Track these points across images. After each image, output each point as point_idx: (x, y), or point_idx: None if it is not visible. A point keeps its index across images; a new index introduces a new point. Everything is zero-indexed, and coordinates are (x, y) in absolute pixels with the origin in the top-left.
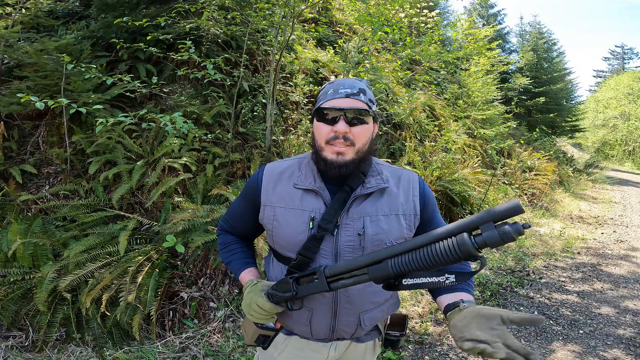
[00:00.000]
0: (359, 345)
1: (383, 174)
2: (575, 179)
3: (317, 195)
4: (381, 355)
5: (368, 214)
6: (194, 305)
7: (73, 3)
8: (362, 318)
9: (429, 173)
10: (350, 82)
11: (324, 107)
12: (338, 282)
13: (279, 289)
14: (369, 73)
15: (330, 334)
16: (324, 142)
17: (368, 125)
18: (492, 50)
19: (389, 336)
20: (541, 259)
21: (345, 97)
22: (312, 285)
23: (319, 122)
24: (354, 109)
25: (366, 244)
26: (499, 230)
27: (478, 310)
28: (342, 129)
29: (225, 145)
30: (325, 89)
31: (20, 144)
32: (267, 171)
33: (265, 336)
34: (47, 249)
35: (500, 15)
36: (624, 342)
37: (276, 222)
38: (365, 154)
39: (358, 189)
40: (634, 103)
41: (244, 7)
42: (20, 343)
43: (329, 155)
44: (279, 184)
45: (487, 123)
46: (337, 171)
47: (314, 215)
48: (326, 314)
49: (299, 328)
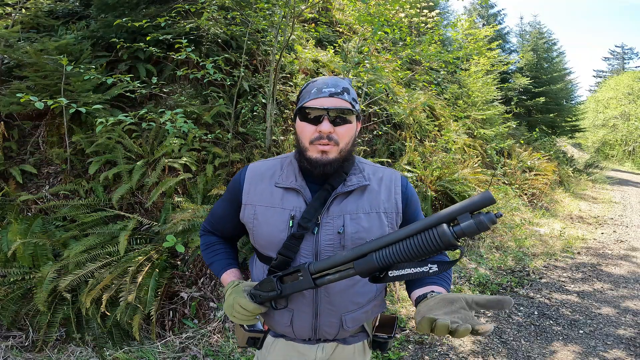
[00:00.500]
0: (347, 347)
1: (365, 171)
2: (575, 179)
3: (298, 194)
4: (381, 355)
5: (348, 212)
6: (194, 305)
7: (73, 3)
8: (343, 319)
9: (429, 173)
10: (334, 80)
11: (308, 107)
12: (324, 277)
13: (262, 289)
14: (369, 73)
15: (313, 334)
16: (308, 142)
17: (352, 124)
18: (492, 50)
19: (377, 338)
20: (541, 259)
21: (329, 96)
22: (297, 283)
23: (302, 121)
24: (337, 109)
25: (346, 242)
26: (475, 220)
27: (443, 296)
28: (326, 129)
29: (225, 145)
30: (308, 87)
31: (20, 144)
32: (250, 171)
33: (254, 338)
34: (47, 249)
35: (500, 15)
36: (624, 342)
37: (256, 220)
38: (348, 153)
39: (339, 187)
40: (634, 103)
41: (244, 7)
42: (20, 343)
43: (313, 154)
44: (261, 183)
45: (487, 123)
46: (322, 169)
47: (294, 214)
48: (307, 314)
49: (281, 329)
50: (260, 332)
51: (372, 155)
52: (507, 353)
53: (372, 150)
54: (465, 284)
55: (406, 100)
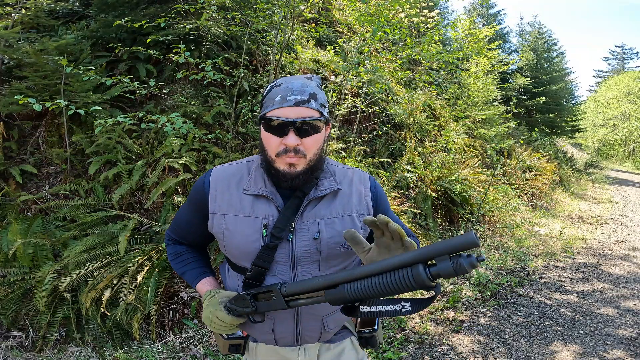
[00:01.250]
0: (332, 346)
1: (335, 174)
2: (575, 179)
3: (268, 201)
4: (381, 355)
5: (322, 216)
6: (194, 305)
7: (73, 3)
8: (324, 321)
9: (429, 173)
10: (299, 85)
11: (271, 117)
12: (297, 301)
13: (237, 304)
14: (369, 73)
15: (295, 340)
16: (274, 154)
17: (320, 133)
18: (492, 50)
19: (361, 334)
20: (541, 259)
21: (295, 105)
22: (271, 303)
23: (266, 132)
24: (304, 120)
25: (322, 247)
26: (453, 262)
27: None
28: (292, 143)
29: (225, 145)
30: (271, 93)
31: (20, 144)
32: (214, 176)
33: (236, 345)
34: (47, 249)
35: (500, 15)
36: (624, 342)
37: (227, 231)
38: (317, 161)
39: (311, 192)
40: (634, 103)
41: (244, 7)
42: (20, 343)
43: (280, 166)
44: (228, 190)
45: (487, 123)
46: (290, 183)
47: (267, 222)
48: (289, 321)
49: (263, 337)
50: (240, 339)
51: (372, 155)
52: (507, 353)
53: (372, 150)
54: (465, 284)
55: (406, 100)
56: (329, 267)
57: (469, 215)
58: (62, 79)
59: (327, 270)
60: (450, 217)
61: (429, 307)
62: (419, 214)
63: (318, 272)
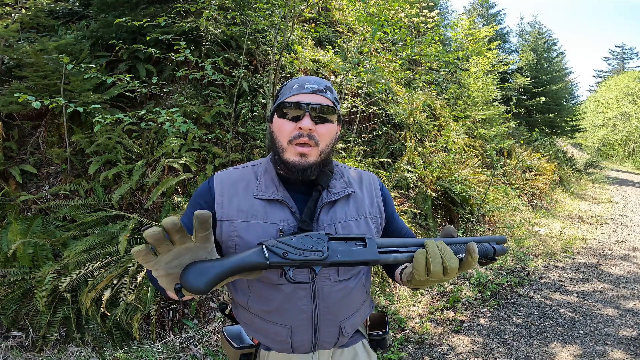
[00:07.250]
0: (345, 350)
1: (345, 176)
2: (575, 179)
3: (282, 205)
4: (381, 355)
5: (339, 220)
6: (194, 305)
7: (73, 3)
8: (342, 326)
9: (429, 173)
10: (316, 79)
11: (288, 102)
12: (388, 255)
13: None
14: (369, 73)
15: (312, 347)
16: (286, 141)
17: (333, 124)
18: (492, 51)
19: (373, 336)
20: (541, 259)
21: (312, 92)
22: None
23: (280, 118)
24: (319, 106)
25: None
26: (500, 246)
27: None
28: (307, 125)
29: (225, 145)
30: (289, 84)
31: (20, 144)
32: (218, 181)
33: (247, 354)
34: (47, 249)
35: (500, 15)
36: (624, 342)
37: (238, 238)
38: (327, 156)
39: (325, 195)
40: (634, 103)
41: (244, 7)
42: (20, 343)
43: (290, 157)
44: (236, 195)
45: (487, 123)
46: (300, 175)
47: (282, 227)
48: (307, 329)
49: (278, 346)
50: (250, 347)
51: (372, 155)
52: (507, 353)
53: (372, 150)
54: (465, 284)
55: (406, 100)
56: (347, 271)
57: (469, 215)
58: (62, 78)
59: (345, 273)
60: (450, 217)
61: (429, 307)
62: (419, 214)
63: (337, 275)
